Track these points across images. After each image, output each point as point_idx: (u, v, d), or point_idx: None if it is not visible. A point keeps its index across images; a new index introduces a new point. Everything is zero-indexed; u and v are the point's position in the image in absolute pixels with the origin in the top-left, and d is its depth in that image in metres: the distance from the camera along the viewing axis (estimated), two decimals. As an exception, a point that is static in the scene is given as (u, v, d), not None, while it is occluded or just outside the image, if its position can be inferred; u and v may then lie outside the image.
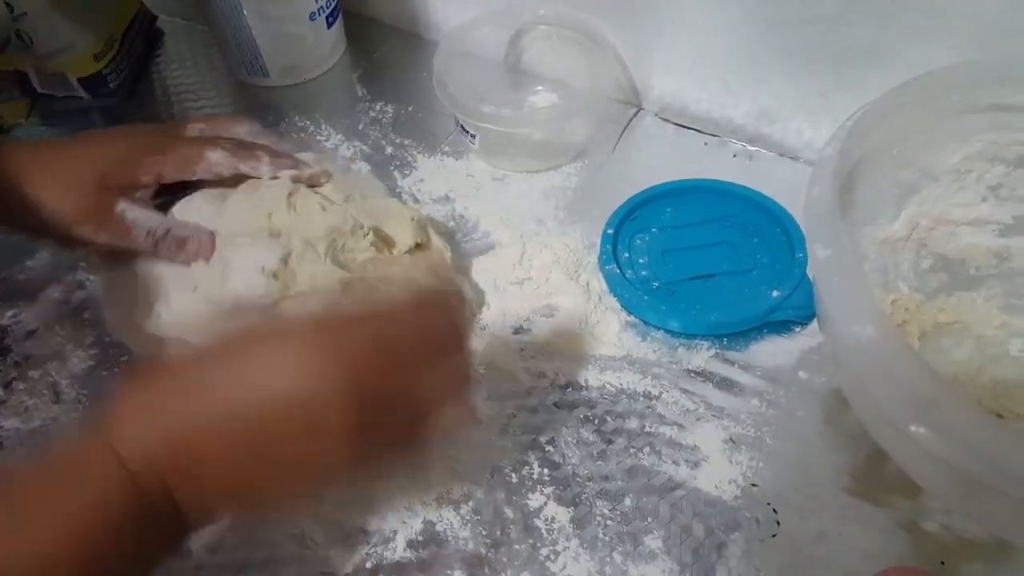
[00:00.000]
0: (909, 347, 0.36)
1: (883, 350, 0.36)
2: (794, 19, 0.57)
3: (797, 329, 0.53)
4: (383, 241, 0.52)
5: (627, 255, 0.57)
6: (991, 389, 0.48)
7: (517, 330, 0.54)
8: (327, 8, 0.71)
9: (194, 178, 0.50)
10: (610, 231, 0.58)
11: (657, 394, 0.51)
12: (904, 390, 0.35)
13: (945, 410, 0.34)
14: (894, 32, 0.54)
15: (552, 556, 0.45)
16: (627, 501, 0.46)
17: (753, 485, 0.47)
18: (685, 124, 0.68)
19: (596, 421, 0.50)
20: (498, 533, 0.46)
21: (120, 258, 0.51)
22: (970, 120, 0.47)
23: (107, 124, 0.70)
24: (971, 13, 0.51)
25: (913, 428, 0.35)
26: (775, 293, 0.53)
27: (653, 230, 0.58)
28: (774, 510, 0.46)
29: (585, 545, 0.45)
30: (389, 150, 0.67)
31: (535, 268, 0.57)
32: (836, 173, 0.41)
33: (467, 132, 0.63)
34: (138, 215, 0.48)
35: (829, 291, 0.38)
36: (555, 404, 0.51)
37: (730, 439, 0.49)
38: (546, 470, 0.48)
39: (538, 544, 0.45)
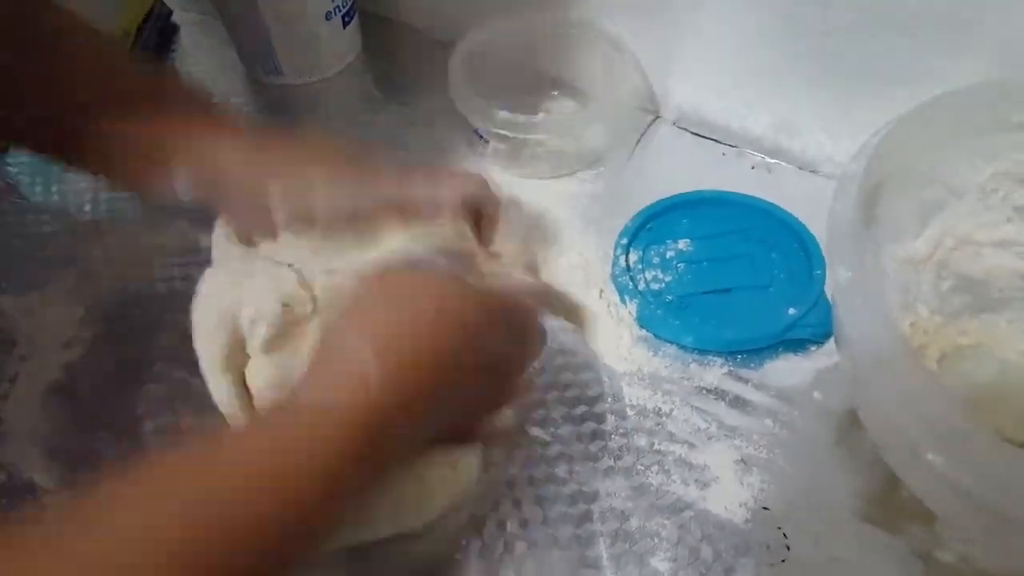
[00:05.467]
0: (929, 373, 0.35)
1: (902, 376, 0.35)
2: (814, 30, 0.56)
3: (813, 348, 0.52)
4: None
5: (641, 267, 0.56)
6: (1014, 416, 0.47)
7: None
8: (343, 7, 0.70)
9: None
10: (624, 241, 0.57)
11: (668, 411, 0.50)
12: (922, 416, 0.34)
13: (964, 438, 0.33)
14: (917, 46, 0.53)
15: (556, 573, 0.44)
16: (633, 521, 0.45)
17: (764, 508, 0.46)
18: (703, 134, 0.67)
19: (604, 437, 0.49)
20: (501, 548, 0.45)
21: None
22: (998, 139, 0.46)
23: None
24: (997, 28, 0.49)
25: (930, 456, 0.34)
26: (792, 310, 0.52)
27: (668, 242, 0.57)
28: (785, 534, 0.45)
29: (590, 564, 0.44)
30: (402, 153, 0.66)
31: (548, 277, 0.56)
32: (860, 190, 0.40)
33: (481, 137, 0.62)
34: None
35: (849, 313, 0.37)
36: (562, 418, 0.50)
37: (741, 460, 0.47)
38: (551, 485, 0.47)
39: (543, 561, 0.44)
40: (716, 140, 0.66)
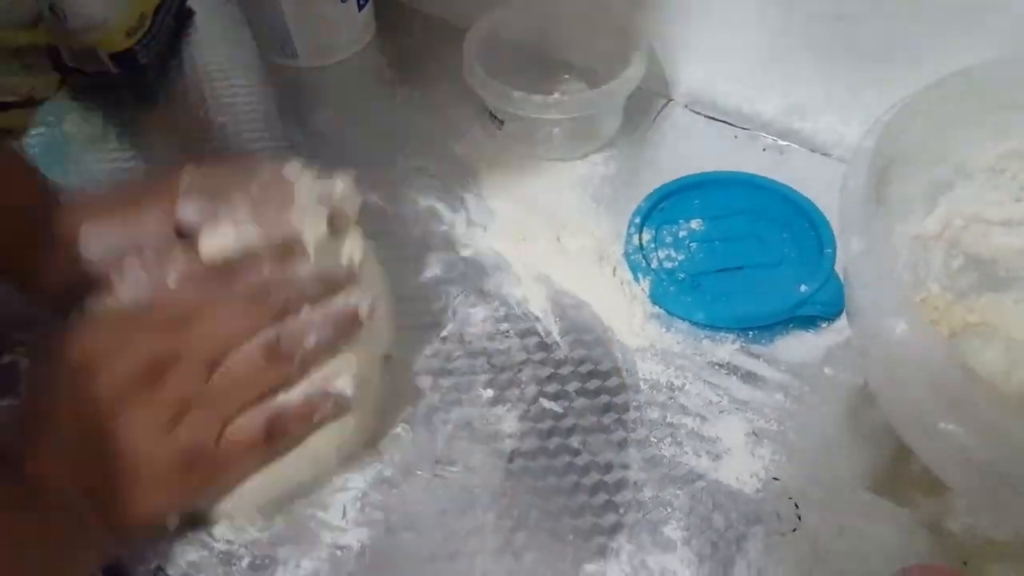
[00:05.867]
0: (942, 343, 0.36)
1: (915, 345, 0.35)
2: (827, 13, 0.56)
3: (824, 325, 0.53)
4: None
5: (654, 245, 0.56)
6: (1020, 392, 0.47)
7: (541, 317, 0.54)
8: (358, -10, 0.71)
9: None
10: (637, 221, 0.57)
11: (680, 385, 0.51)
12: (935, 386, 0.35)
13: (977, 406, 0.34)
14: (928, 28, 0.53)
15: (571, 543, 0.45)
16: (646, 491, 0.46)
17: (775, 479, 0.46)
18: (715, 116, 0.67)
19: (617, 410, 0.50)
20: (515, 516, 0.45)
21: None
22: (1007, 118, 0.46)
23: (136, 101, 0.71)
24: (1009, 9, 0.50)
25: (943, 425, 0.35)
26: (803, 288, 0.52)
27: (681, 221, 0.58)
28: (795, 504, 0.45)
29: (603, 532, 0.45)
30: (416, 135, 0.67)
31: (561, 256, 0.57)
32: (872, 166, 0.41)
33: (495, 118, 0.63)
34: None
35: (861, 284, 0.38)
36: (576, 391, 0.50)
37: (753, 432, 0.48)
38: (565, 456, 0.48)
39: (556, 530, 0.45)
40: (728, 123, 0.67)
